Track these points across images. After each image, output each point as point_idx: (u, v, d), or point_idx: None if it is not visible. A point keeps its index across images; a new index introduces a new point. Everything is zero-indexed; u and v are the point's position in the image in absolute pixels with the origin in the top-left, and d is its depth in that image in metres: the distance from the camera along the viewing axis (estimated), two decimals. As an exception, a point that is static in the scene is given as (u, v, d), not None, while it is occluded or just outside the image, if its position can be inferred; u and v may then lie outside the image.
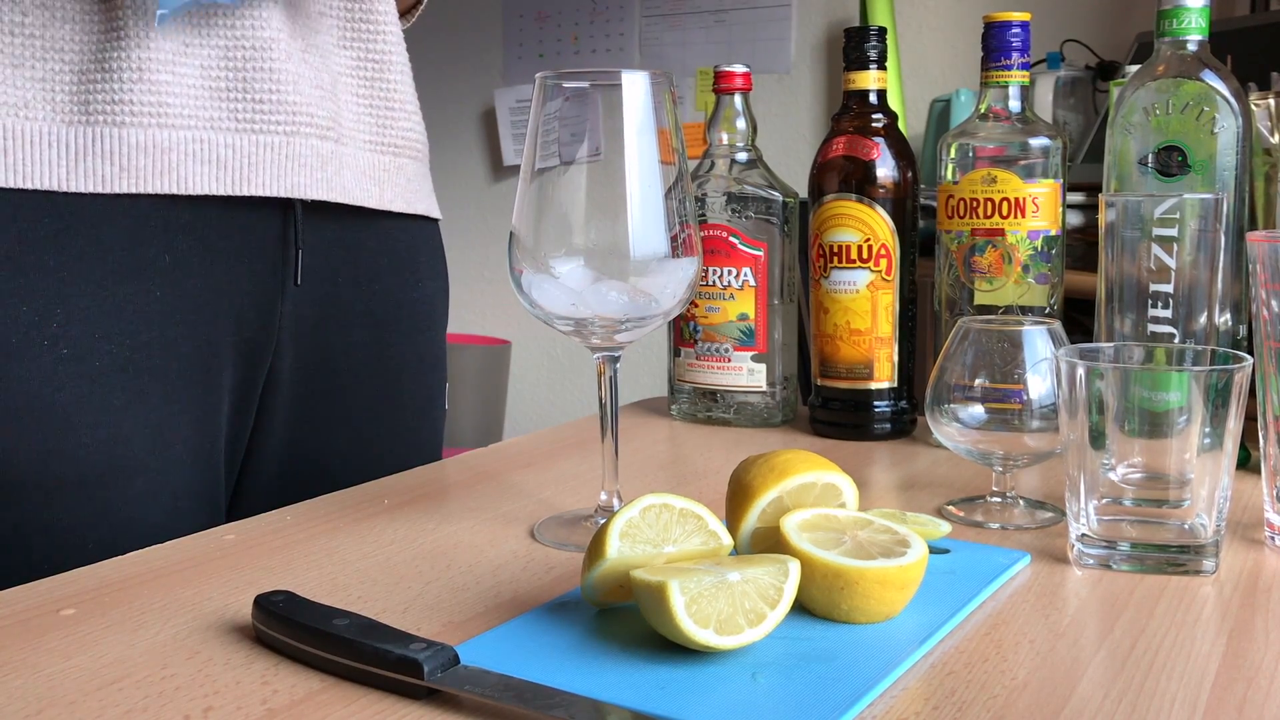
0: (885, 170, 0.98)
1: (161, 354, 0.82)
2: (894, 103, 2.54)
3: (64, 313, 0.78)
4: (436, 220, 1.04)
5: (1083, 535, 0.66)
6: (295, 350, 0.91)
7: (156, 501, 0.82)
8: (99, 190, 0.79)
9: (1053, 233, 0.93)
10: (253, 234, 0.86)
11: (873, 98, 0.99)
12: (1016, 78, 0.93)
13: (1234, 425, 0.63)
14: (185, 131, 0.80)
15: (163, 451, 0.83)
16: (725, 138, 1.04)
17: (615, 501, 0.74)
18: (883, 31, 0.99)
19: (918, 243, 1.00)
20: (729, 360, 1.04)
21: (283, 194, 0.85)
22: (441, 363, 1.04)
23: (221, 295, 0.85)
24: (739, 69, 1.03)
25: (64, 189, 0.78)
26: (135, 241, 0.81)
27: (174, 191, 0.81)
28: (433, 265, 1.02)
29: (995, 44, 0.93)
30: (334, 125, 0.88)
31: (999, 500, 0.77)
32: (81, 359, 0.78)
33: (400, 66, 0.95)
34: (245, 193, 0.83)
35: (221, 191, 0.82)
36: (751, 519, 0.62)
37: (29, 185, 0.77)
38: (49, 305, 0.77)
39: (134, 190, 0.79)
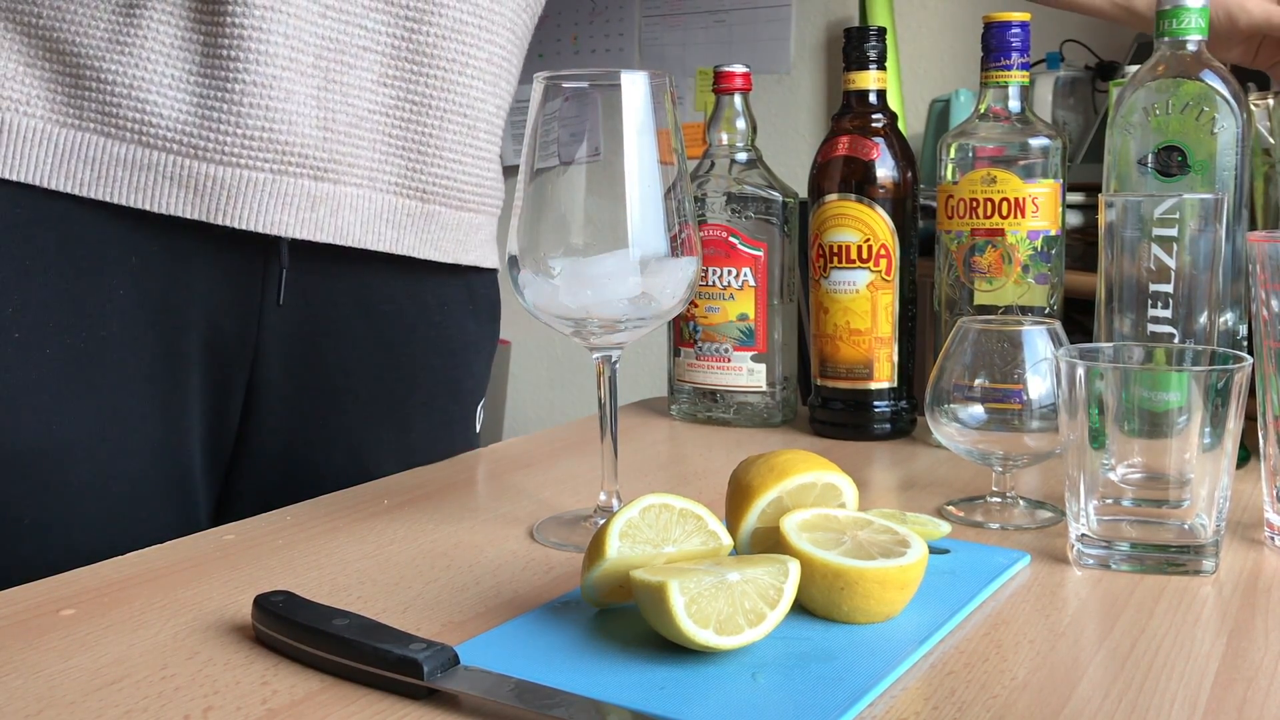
0: (885, 170, 0.98)
1: (119, 349, 0.82)
2: (894, 103, 2.54)
3: (20, 299, 0.79)
4: (492, 274, 1.01)
5: (1083, 535, 0.66)
6: (283, 361, 0.90)
7: (106, 489, 0.83)
8: (76, 192, 0.80)
9: (1052, 233, 0.93)
10: (233, 246, 0.85)
11: (873, 98, 0.99)
12: (1016, 78, 0.93)
13: (1234, 425, 0.63)
14: (167, 155, 0.80)
15: (114, 441, 0.83)
16: (725, 138, 1.04)
17: (615, 502, 0.74)
18: (883, 31, 0.99)
19: (918, 243, 1.00)
20: (729, 360, 1.04)
21: (262, 229, 0.83)
22: (465, 388, 1.01)
23: (193, 299, 0.85)
24: (739, 69, 1.03)
25: (43, 185, 0.79)
26: (103, 240, 0.81)
27: (146, 208, 0.81)
28: (468, 299, 0.99)
29: (995, 44, 0.93)
30: (333, 166, 0.85)
31: (999, 500, 0.77)
32: (33, 346, 0.79)
33: (443, 111, 0.90)
34: (221, 223, 0.82)
35: (196, 217, 0.82)
36: (751, 519, 0.62)
37: (13, 177, 0.79)
38: (6, 291, 0.79)
39: (107, 199, 0.80)
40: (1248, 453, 0.84)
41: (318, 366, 0.92)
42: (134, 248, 0.82)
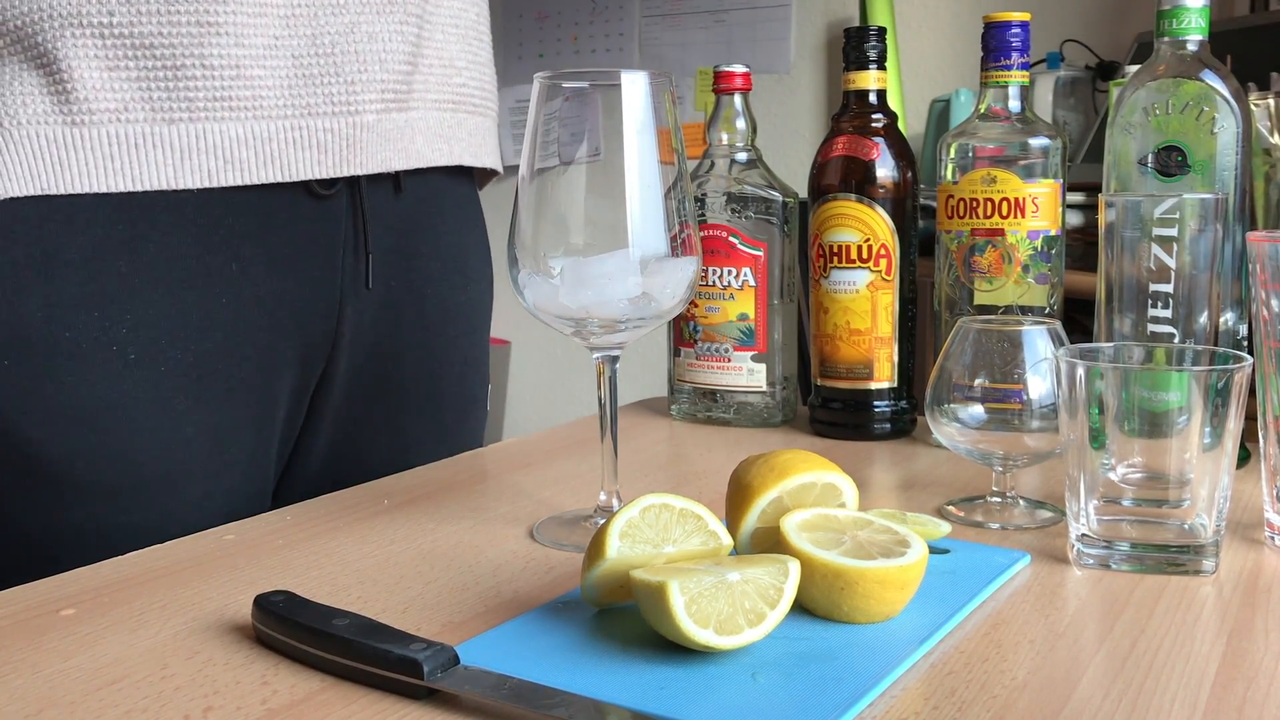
0: (885, 170, 0.97)
1: (225, 360, 0.83)
2: (894, 103, 2.54)
3: (133, 318, 0.79)
4: (484, 225, 1.04)
5: (1083, 535, 0.66)
6: (350, 354, 0.91)
7: (212, 505, 0.83)
8: (205, 185, 0.80)
9: (1053, 233, 0.93)
10: (318, 240, 0.87)
11: (873, 98, 0.99)
12: (1016, 78, 0.93)
13: (1234, 425, 0.63)
14: (284, 121, 0.82)
15: (220, 455, 0.84)
16: (725, 138, 1.04)
17: (615, 501, 0.74)
18: (883, 31, 0.99)
19: (918, 243, 1.00)
20: (729, 360, 1.04)
21: (376, 169, 0.87)
22: (484, 365, 1.05)
23: (285, 301, 0.86)
24: (739, 69, 1.03)
25: (172, 187, 0.79)
26: (204, 249, 0.81)
27: (279, 179, 0.82)
28: (479, 268, 1.03)
29: (995, 44, 0.93)
30: (408, 93, 0.89)
31: (999, 500, 0.76)
32: (147, 364, 0.79)
33: (441, 25, 0.94)
34: (345, 173, 0.85)
35: (325, 174, 0.84)
36: (751, 519, 0.62)
37: (135, 188, 0.78)
38: (119, 310, 0.78)
39: (239, 183, 0.81)
40: (1248, 453, 0.84)
41: (375, 357, 0.93)
42: (233, 254, 0.83)
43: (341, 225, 0.88)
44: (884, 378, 0.99)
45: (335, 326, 0.90)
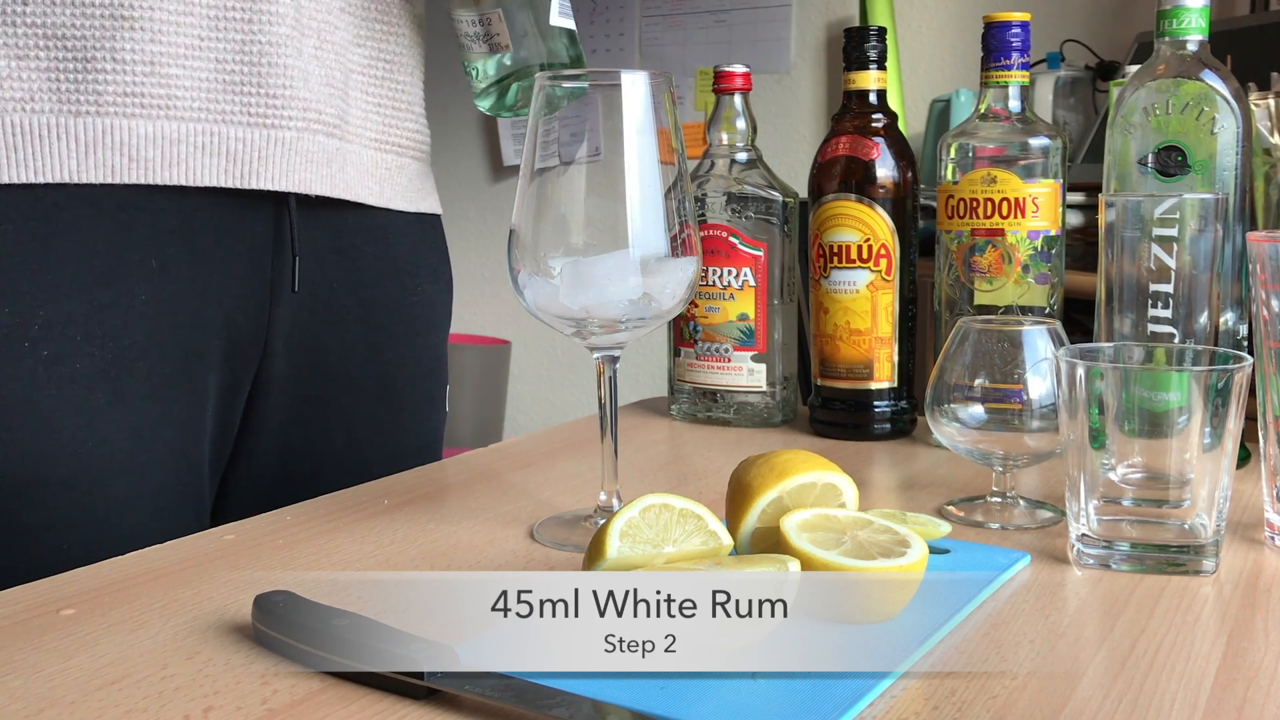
0: (885, 170, 0.97)
1: (144, 357, 0.82)
2: (894, 103, 2.54)
3: (46, 315, 0.78)
4: (438, 218, 1.04)
5: (1083, 535, 0.66)
6: (288, 354, 0.91)
7: (138, 503, 0.82)
8: (109, 180, 0.79)
9: (1053, 233, 0.93)
10: (244, 240, 0.86)
11: (873, 98, 0.99)
12: (1016, 78, 0.93)
13: (1234, 425, 0.63)
14: (196, 124, 0.81)
15: (144, 453, 0.82)
16: (725, 138, 1.04)
17: (615, 501, 0.74)
18: (883, 31, 0.99)
19: (918, 243, 1.00)
20: (729, 360, 1.04)
21: (289, 189, 0.85)
22: (441, 366, 1.04)
23: (209, 300, 0.85)
24: (739, 69, 1.03)
25: (75, 180, 0.78)
26: (121, 245, 0.80)
27: (183, 183, 0.81)
28: (434, 268, 1.02)
29: (995, 44, 0.93)
30: (340, 123, 0.89)
31: (999, 500, 0.76)
32: (63, 361, 0.78)
33: (409, 68, 0.96)
34: (253, 186, 0.83)
35: (230, 184, 0.82)
36: (751, 519, 0.62)
37: (38, 179, 0.77)
38: (31, 308, 0.77)
39: (142, 181, 0.80)
40: (1248, 453, 0.84)
41: (318, 357, 0.92)
42: (152, 250, 0.82)
43: (270, 225, 0.87)
44: (884, 378, 0.99)
45: (265, 326, 0.89)
